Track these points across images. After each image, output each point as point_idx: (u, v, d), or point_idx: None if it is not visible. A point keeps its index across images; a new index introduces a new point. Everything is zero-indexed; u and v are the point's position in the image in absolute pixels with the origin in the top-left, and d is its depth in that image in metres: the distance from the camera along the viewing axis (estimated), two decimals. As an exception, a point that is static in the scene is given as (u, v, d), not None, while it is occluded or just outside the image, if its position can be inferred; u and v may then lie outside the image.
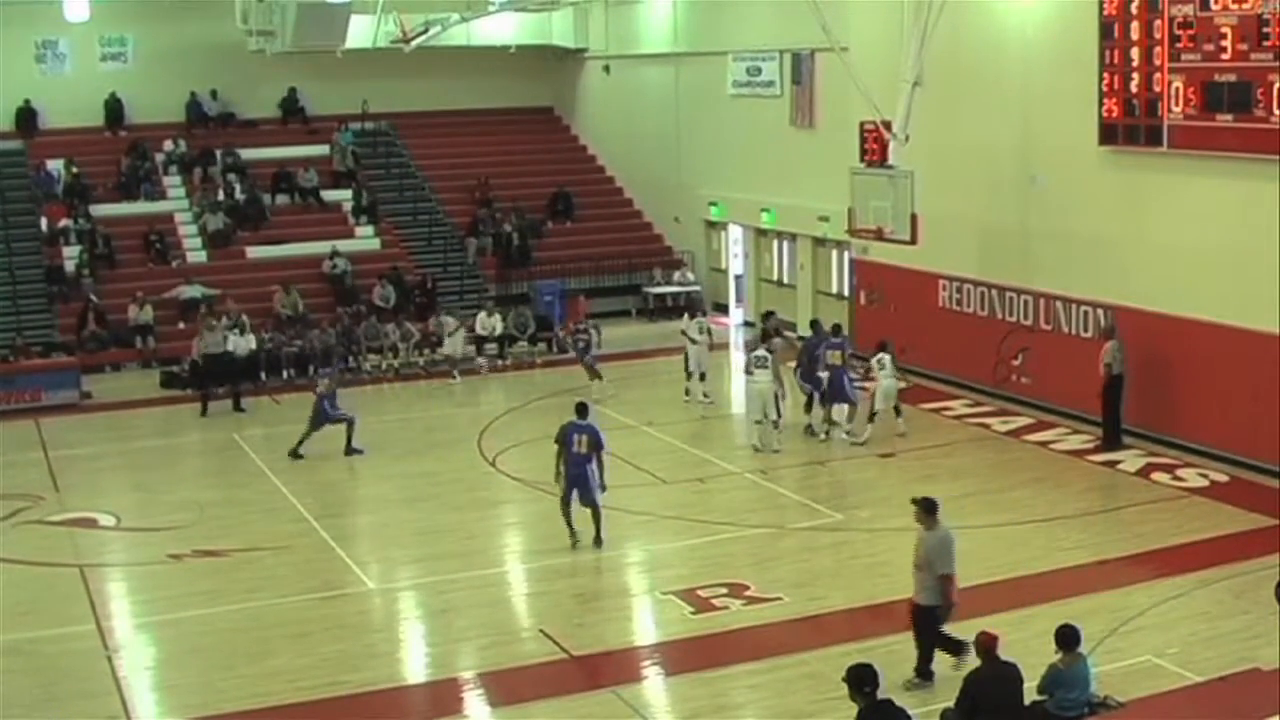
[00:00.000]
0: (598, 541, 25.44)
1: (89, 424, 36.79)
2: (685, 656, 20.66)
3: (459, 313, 42.66)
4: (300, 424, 32.22)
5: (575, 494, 25.28)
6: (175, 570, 25.35)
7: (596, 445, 25.29)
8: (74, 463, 33.02)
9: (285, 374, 40.24)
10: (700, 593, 22.96)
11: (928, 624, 18.95)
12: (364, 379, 39.98)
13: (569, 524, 25.49)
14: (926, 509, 19.33)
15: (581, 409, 26.04)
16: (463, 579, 24.48)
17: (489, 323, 42.43)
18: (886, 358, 32.38)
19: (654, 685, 20.16)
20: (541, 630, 21.87)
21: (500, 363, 41.57)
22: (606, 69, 53.37)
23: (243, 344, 39.49)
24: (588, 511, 25.39)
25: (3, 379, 38.32)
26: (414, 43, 47.75)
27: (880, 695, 14.51)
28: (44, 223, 46.41)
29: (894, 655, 19.29)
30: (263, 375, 39.72)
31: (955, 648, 18.84)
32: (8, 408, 37.41)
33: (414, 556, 25.62)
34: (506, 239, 49.22)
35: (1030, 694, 16.43)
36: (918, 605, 19.07)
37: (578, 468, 25.19)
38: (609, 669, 20.36)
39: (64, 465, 32.66)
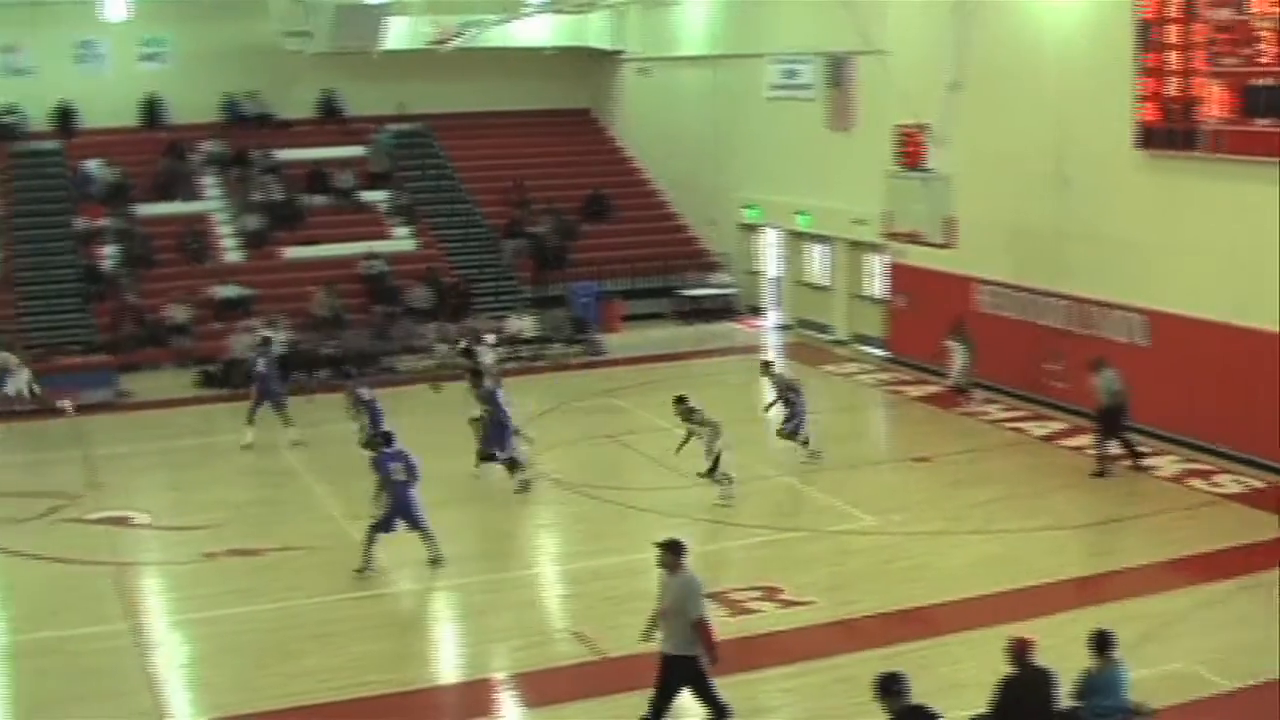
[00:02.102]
0: (437, 562, 24.95)
1: (125, 423, 36.92)
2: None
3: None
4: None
5: (398, 522, 24.74)
6: (210, 569, 25.41)
7: (412, 470, 24.86)
8: (110, 461, 33.14)
9: (320, 374, 40.30)
10: (733, 596, 22.92)
11: (677, 675, 17.72)
12: (400, 379, 39.92)
13: (369, 551, 24.67)
14: (671, 551, 17.85)
15: (386, 437, 25.76)
16: (496, 580, 24.56)
17: (518, 324, 42.59)
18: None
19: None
20: (575, 632, 21.89)
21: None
22: (645, 71, 53.36)
23: (277, 337, 39.70)
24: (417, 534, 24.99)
25: (40, 377, 38.46)
26: (450, 44, 47.80)
27: (912, 701, 14.48)
28: (81, 222, 46.60)
29: (928, 660, 19.27)
30: (297, 375, 39.78)
31: (718, 710, 17.77)
32: (45, 406, 37.53)
33: (447, 557, 25.61)
34: (542, 241, 49.22)
35: (1066, 700, 16.36)
36: (666, 655, 17.80)
37: (400, 494, 24.65)
38: (642, 671, 20.30)
39: (100, 464, 32.79)
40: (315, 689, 19.98)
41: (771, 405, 31.29)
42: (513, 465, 29.73)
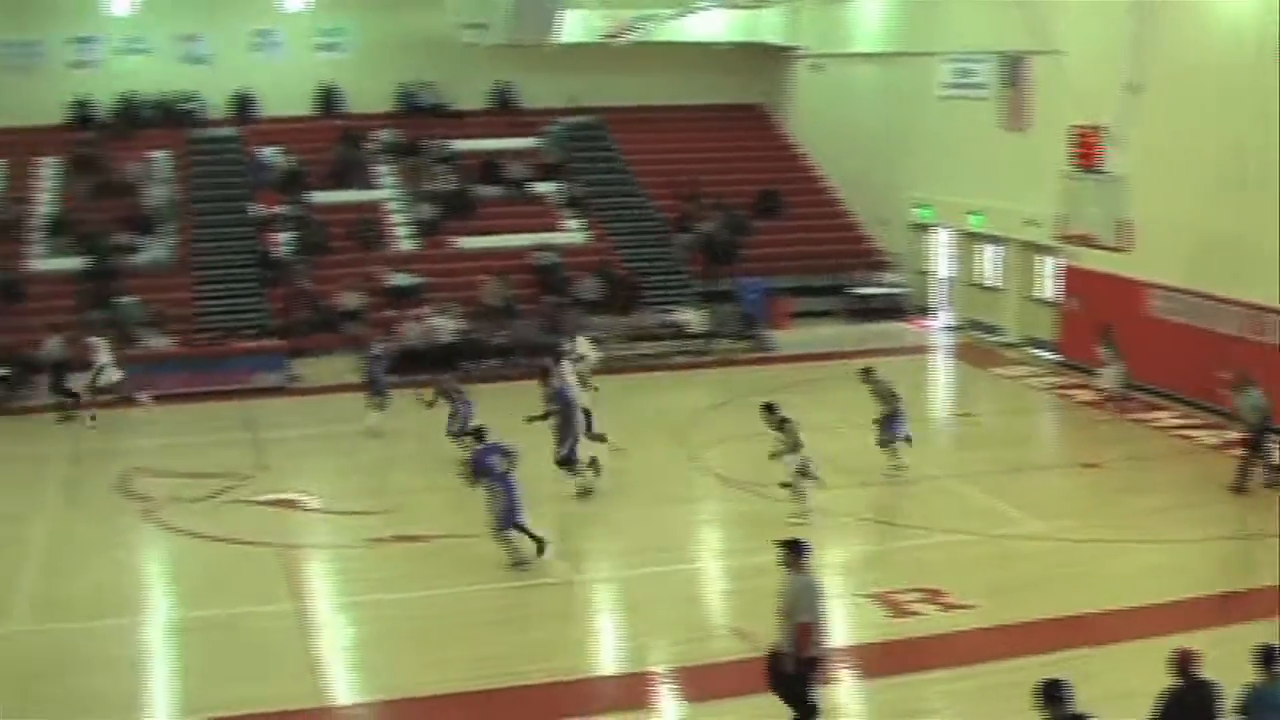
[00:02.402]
0: (542, 549, 24.66)
1: (295, 407, 37.49)
2: (880, 660, 20.53)
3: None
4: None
5: (513, 527, 24.42)
6: (375, 553, 25.75)
7: (510, 457, 24.65)
8: (280, 444, 33.68)
9: (486, 363, 40.50)
10: (896, 597, 22.80)
11: (796, 675, 17.49)
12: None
13: (510, 548, 24.42)
14: (793, 551, 17.59)
15: (478, 433, 25.94)
16: (657, 574, 24.57)
17: (685, 317, 42.74)
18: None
19: (847, 688, 20.02)
20: (735, 628, 21.86)
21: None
22: (818, 67, 53.20)
23: (447, 326, 40.07)
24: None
25: (214, 361, 39.16)
26: (624, 38, 47.95)
27: (1075, 710, 14.32)
28: (257, 209, 47.28)
29: (1092, 667, 19.03)
30: (464, 364, 39.93)
31: (806, 712, 17.52)
32: (218, 388, 38.17)
33: (608, 550, 25.73)
34: (713, 236, 49.15)
35: (1229, 714, 16.09)
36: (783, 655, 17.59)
37: (509, 487, 24.37)
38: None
39: (270, 446, 33.30)
40: (474, 676, 20.17)
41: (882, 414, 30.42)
42: (567, 464, 29.09)
